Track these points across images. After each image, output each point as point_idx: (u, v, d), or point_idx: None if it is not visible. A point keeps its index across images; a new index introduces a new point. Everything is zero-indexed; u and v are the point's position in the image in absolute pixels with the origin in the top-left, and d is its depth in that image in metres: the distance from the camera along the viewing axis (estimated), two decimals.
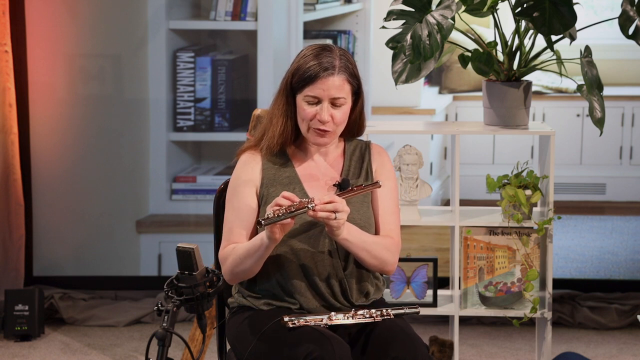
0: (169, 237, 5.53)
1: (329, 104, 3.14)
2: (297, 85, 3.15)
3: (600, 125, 4.01)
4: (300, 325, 3.05)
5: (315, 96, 3.14)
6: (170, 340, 2.80)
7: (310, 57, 3.15)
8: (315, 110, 3.15)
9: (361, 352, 3.08)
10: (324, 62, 3.13)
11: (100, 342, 5.06)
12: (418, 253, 5.30)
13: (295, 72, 3.16)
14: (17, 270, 5.37)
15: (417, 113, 5.54)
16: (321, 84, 3.12)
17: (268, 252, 3.11)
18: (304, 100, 3.15)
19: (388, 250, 3.19)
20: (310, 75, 3.12)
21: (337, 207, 3.04)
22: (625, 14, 4.02)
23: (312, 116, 3.15)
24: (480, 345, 5.04)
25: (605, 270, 5.51)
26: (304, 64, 3.15)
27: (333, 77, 3.12)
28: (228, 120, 5.50)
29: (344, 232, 3.09)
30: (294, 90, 3.17)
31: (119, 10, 5.41)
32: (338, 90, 3.14)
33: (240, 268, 3.16)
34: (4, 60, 5.24)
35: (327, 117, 3.14)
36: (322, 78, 3.12)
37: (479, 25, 4.84)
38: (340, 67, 3.13)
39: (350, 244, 3.12)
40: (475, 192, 5.31)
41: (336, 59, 3.14)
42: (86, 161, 5.46)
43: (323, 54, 3.15)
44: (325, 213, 3.03)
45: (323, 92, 3.13)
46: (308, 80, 3.13)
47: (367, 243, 3.15)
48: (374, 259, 3.16)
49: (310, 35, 5.48)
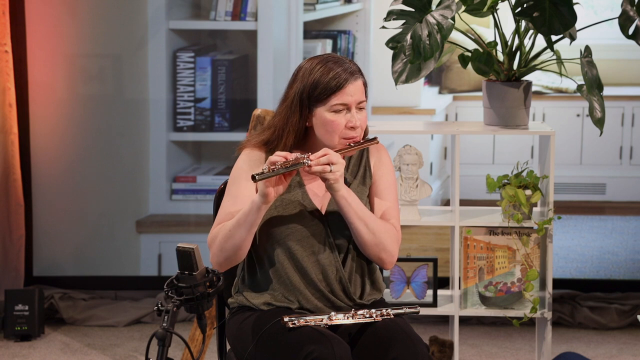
0: (169, 237, 5.53)
1: (356, 109, 3.16)
2: (321, 97, 3.13)
3: (600, 125, 4.01)
4: (300, 325, 3.05)
5: (345, 103, 3.14)
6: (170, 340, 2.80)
7: (325, 69, 3.14)
8: (344, 118, 3.15)
9: (361, 352, 3.08)
10: (346, 68, 3.14)
11: (100, 342, 5.06)
12: (418, 253, 5.30)
13: (315, 85, 3.13)
14: (17, 270, 5.37)
15: (417, 113, 5.54)
16: (349, 90, 3.13)
17: (259, 217, 3.10)
18: (329, 111, 3.14)
19: (387, 233, 3.17)
20: (339, 83, 3.12)
21: (331, 158, 3.06)
22: (625, 14, 4.02)
23: (343, 126, 3.15)
24: (480, 345, 5.04)
25: (605, 270, 5.51)
26: (322, 75, 3.13)
27: (357, 81, 3.15)
28: (228, 120, 5.50)
29: (343, 190, 3.10)
30: (312, 105, 3.15)
31: (119, 10, 5.41)
32: (362, 94, 3.17)
33: (230, 243, 3.12)
34: (4, 60, 5.24)
35: (359, 123, 3.15)
36: (349, 83, 3.13)
37: (479, 25, 4.85)
38: (359, 70, 3.17)
39: (349, 205, 3.11)
40: (475, 192, 5.31)
41: (350, 64, 3.17)
42: (86, 161, 5.46)
43: (336, 62, 3.15)
44: (321, 166, 3.05)
45: (351, 98, 3.14)
46: (336, 88, 3.12)
47: (366, 214, 3.14)
48: (371, 234, 3.14)
49: (310, 35, 5.48)
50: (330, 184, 3.09)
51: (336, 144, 3.17)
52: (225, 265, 3.17)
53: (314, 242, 3.18)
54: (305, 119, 3.17)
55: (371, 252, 3.19)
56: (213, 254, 3.17)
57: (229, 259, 3.15)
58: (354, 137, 3.17)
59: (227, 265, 3.17)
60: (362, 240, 3.16)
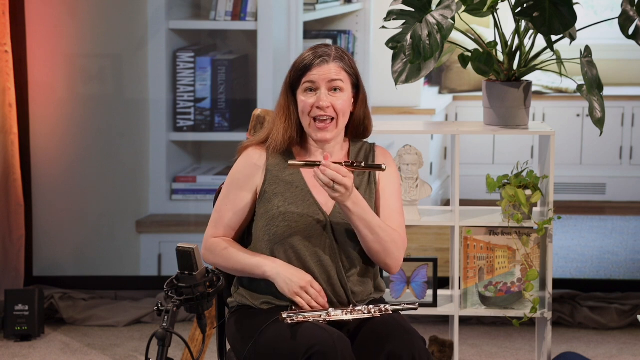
0: (169, 237, 5.53)
1: (327, 90, 3.16)
2: (295, 77, 3.19)
3: (600, 125, 4.01)
4: (299, 321, 3.05)
5: (312, 81, 3.17)
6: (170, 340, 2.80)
7: (307, 51, 3.22)
8: (314, 98, 3.16)
9: (359, 346, 3.08)
10: (318, 51, 3.20)
11: (100, 342, 5.06)
12: (418, 253, 5.30)
13: (293, 67, 3.21)
14: (17, 270, 5.37)
15: (417, 113, 5.54)
16: (317, 70, 3.16)
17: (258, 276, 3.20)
18: (302, 91, 3.18)
19: (393, 242, 3.18)
20: (306, 64, 3.17)
21: (337, 177, 3.06)
22: (625, 14, 4.02)
23: (312, 105, 3.16)
24: (480, 345, 5.04)
25: (605, 270, 5.51)
26: (297, 61, 3.22)
27: (328, 65, 3.17)
28: (228, 120, 5.50)
29: (348, 202, 3.11)
30: (294, 87, 3.20)
31: (119, 10, 5.41)
32: (335, 74, 3.17)
33: (224, 267, 3.24)
34: (4, 60, 5.24)
35: (326, 102, 3.16)
36: (317, 65, 3.17)
37: (479, 25, 4.84)
38: (335, 57, 3.19)
39: (354, 215, 3.12)
40: (475, 192, 5.31)
41: (332, 50, 3.20)
42: (86, 161, 5.46)
43: (319, 47, 3.22)
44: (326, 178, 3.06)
45: (319, 77, 3.17)
46: (304, 69, 3.17)
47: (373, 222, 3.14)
48: (377, 242, 3.15)
49: (310, 35, 5.48)
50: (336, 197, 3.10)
51: (309, 128, 3.20)
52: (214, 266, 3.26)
53: (317, 242, 3.18)
54: (292, 103, 3.23)
55: (378, 258, 3.21)
56: (206, 259, 3.26)
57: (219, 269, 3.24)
58: (325, 123, 3.17)
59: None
60: (369, 247, 3.17)
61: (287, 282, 3.13)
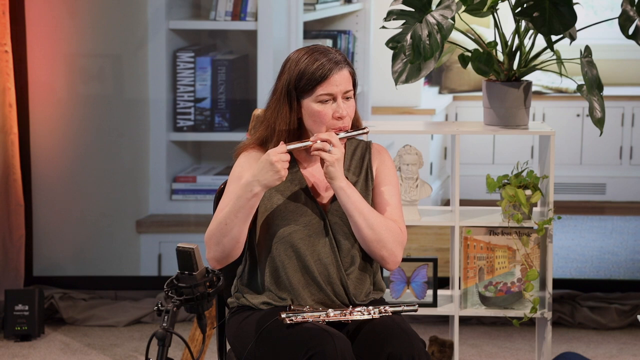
0: (169, 237, 5.53)
1: (343, 99, 3.16)
2: (307, 87, 3.14)
3: (600, 125, 4.01)
4: (298, 321, 3.05)
5: (330, 93, 3.14)
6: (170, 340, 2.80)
7: (311, 59, 3.15)
8: (330, 108, 3.15)
9: (358, 348, 3.08)
10: (331, 58, 3.15)
11: (100, 342, 5.06)
12: (418, 253, 5.30)
13: (301, 76, 3.14)
14: (17, 270, 5.37)
15: (417, 113, 5.54)
16: (334, 80, 3.13)
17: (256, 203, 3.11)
18: (315, 101, 3.15)
19: (388, 231, 3.17)
20: (323, 73, 3.13)
21: (332, 139, 3.08)
22: (625, 14, 4.02)
23: (330, 116, 3.15)
24: (480, 345, 5.04)
25: (605, 270, 5.51)
26: (307, 66, 3.14)
27: (343, 71, 3.15)
28: (228, 120, 5.50)
29: (342, 181, 3.10)
30: (299, 96, 3.17)
31: (119, 10, 5.41)
32: (348, 83, 3.16)
33: (227, 236, 3.11)
34: (4, 60, 5.24)
35: (346, 112, 3.15)
36: (334, 74, 3.13)
37: (479, 25, 4.84)
38: (344, 60, 3.17)
39: (347, 197, 3.11)
40: (475, 192, 5.31)
41: (336, 54, 3.17)
42: (86, 161, 5.46)
43: (322, 52, 3.16)
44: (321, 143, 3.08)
45: (337, 88, 3.14)
46: (321, 79, 3.13)
47: (366, 208, 3.14)
48: (370, 229, 3.13)
49: (310, 35, 5.48)
50: (327, 167, 3.09)
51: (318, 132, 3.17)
52: (222, 260, 3.16)
53: (316, 240, 3.18)
54: (295, 110, 3.18)
55: (372, 249, 3.17)
56: (210, 251, 3.15)
57: (227, 254, 3.14)
58: (342, 127, 3.17)
59: (223, 260, 3.16)
60: (362, 235, 3.15)
61: (263, 171, 3.09)
